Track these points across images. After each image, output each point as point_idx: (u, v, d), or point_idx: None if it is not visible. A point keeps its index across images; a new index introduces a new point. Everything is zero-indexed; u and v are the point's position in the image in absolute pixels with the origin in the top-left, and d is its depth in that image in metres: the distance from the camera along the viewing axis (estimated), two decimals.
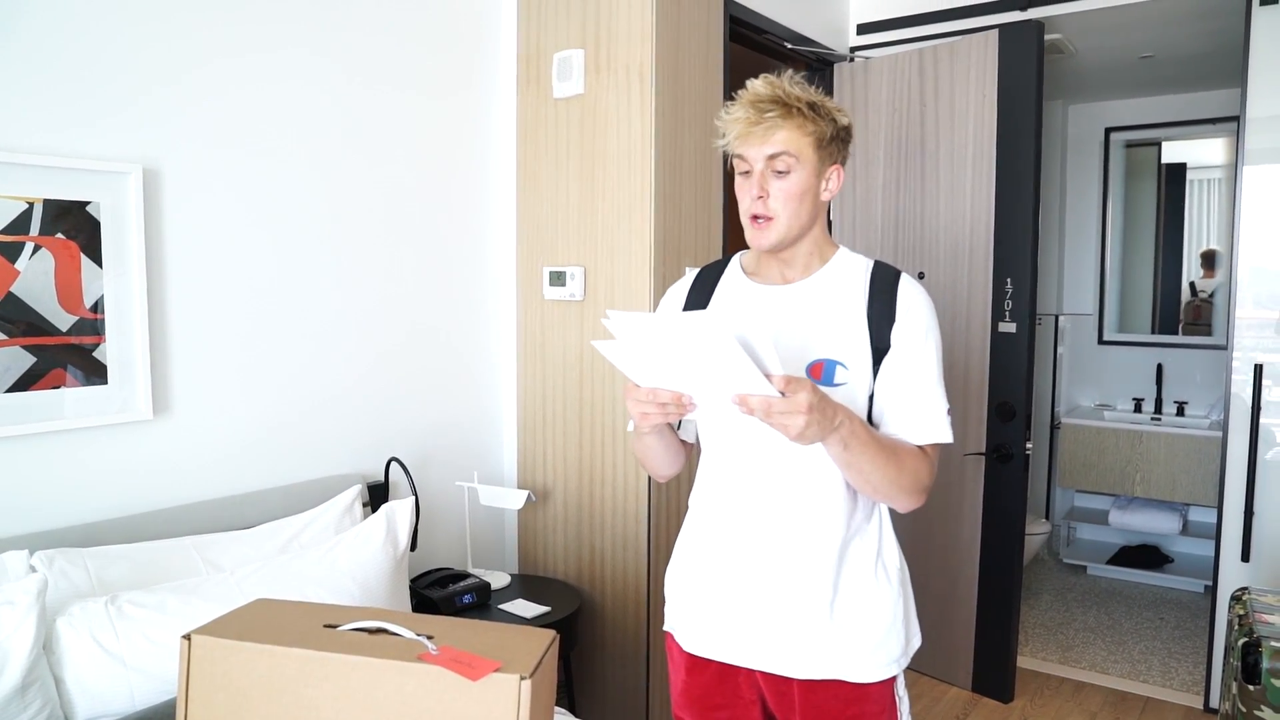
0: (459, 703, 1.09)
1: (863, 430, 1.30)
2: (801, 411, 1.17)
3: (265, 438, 2.22)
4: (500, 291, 2.86)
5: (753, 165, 1.38)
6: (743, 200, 1.41)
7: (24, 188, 1.76)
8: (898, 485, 1.35)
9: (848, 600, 1.42)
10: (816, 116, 1.37)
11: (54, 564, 1.68)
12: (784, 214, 1.38)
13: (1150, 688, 3.29)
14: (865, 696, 1.44)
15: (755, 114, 1.35)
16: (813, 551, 1.41)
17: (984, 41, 3.03)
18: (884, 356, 1.39)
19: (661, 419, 1.29)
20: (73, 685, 1.55)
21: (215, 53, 2.07)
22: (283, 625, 1.20)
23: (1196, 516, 4.60)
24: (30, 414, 1.79)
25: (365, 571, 1.95)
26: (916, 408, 1.39)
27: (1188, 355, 4.69)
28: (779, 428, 1.20)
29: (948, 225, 3.16)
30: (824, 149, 1.39)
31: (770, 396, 1.17)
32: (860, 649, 1.43)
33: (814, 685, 1.44)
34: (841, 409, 1.26)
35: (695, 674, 1.54)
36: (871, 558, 1.45)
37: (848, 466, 1.32)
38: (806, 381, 1.19)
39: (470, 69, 2.72)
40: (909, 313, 1.40)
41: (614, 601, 2.68)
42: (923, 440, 1.40)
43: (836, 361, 1.39)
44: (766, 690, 1.49)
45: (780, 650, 1.44)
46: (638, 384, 1.29)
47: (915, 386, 1.39)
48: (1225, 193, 4.61)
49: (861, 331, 1.40)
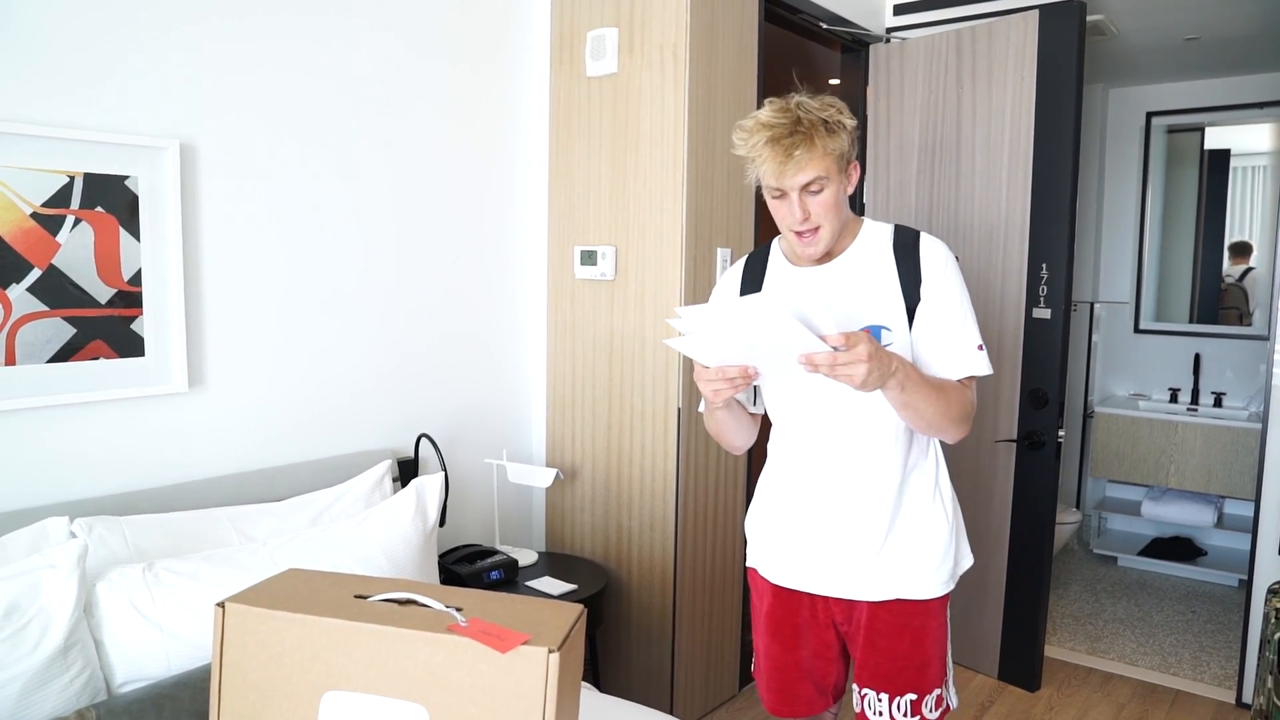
0: (487, 674, 1.09)
1: (915, 373, 1.46)
2: (863, 360, 1.32)
3: (297, 412, 2.25)
4: (531, 270, 2.86)
5: (787, 191, 1.51)
6: (783, 220, 1.56)
7: (65, 161, 1.79)
8: (948, 417, 1.51)
9: (907, 528, 1.61)
10: (833, 134, 1.49)
11: (93, 531, 1.71)
12: (826, 223, 1.54)
13: (1181, 680, 3.25)
14: (927, 610, 1.65)
15: (782, 152, 1.47)
16: (874, 489, 1.59)
17: (1024, 22, 2.97)
18: (915, 310, 1.56)
19: (731, 393, 1.44)
20: (112, 648, 1.59)
21: (251, 27, 2.09)
22: (314, 595, 1.22)
23: (1232, 509, 4.52)
24: (71, 384, 1.83)
25: (394, 545, 1.97)
26: (951, 346, 1.56)
27: (1227, 345, 4.59)
28: (843, 379, 1.34)
29: (983, 209, 3.11)
30: (844, 159, 1.53)
31: (833, 352, 1.31)
32: (919, 570, 1.62)
33: (879, 606, 1.63)
34: (895, 356, 1.41)
35: (780, 602, 1.73)
36: (930, 488, 1.64)
37: (904, 407, 1.47)
38: (863, 334, 1.34)
39: (503, 47, 2.71)
40: (932, 266, 1.57)
41: (640, 581, 2.69)
42: (960, 374, 1.56)
43: (881, 326, 1.55)
44: (837, 613, 1.69)
45: (848, 577, 1.63)
46: (706, 365, 1.44)
47: (947, 328, 1.56)
48: (1270, 181, 4.49)
49: (895, 294, 1.57)
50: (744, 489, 2.87)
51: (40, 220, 1.76)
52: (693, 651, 2.72)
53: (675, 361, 2.55)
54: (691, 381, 2.57)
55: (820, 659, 1.73)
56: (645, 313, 2.61)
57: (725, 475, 2.79)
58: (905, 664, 1.64)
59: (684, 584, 2.65)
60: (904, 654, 1.64)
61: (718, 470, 2.75)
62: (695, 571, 2.70)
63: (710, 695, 2.84)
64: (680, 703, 2.68)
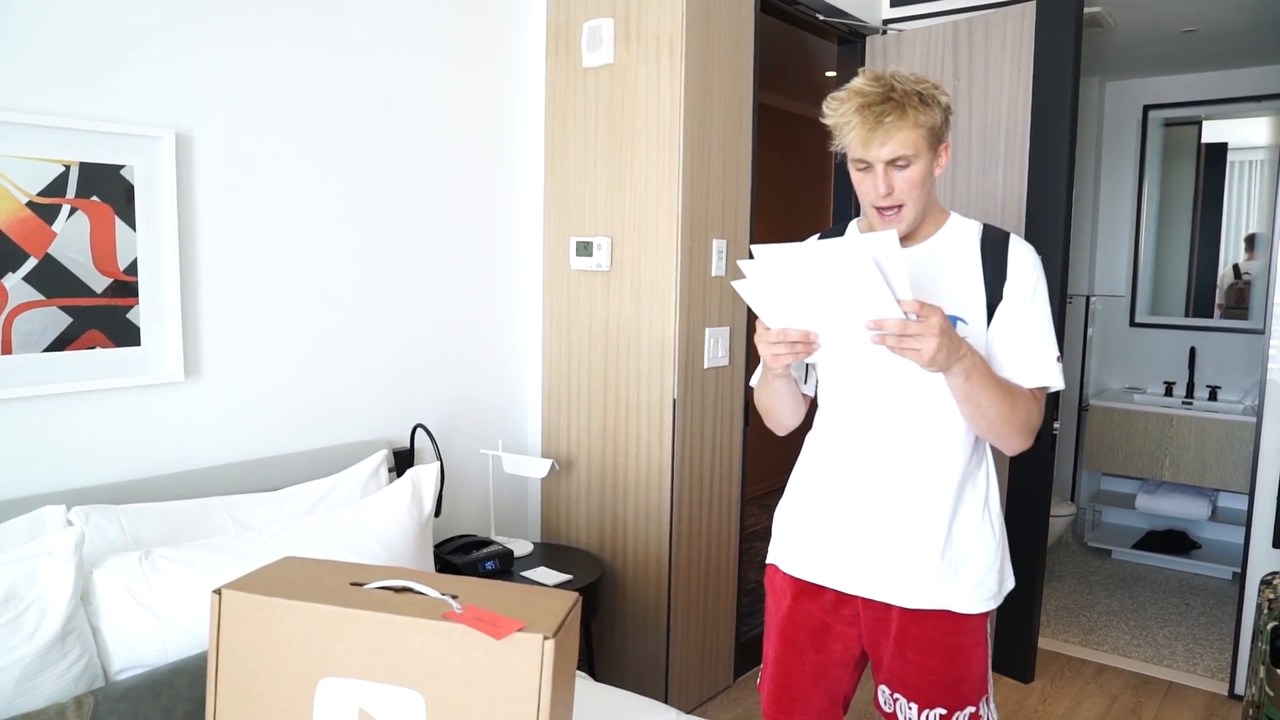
0: (483, 661, 1.10)
1: (983, 364, 1.40)
2: (934, 334, 1.27)
3: (293, 402, 2.25)
4: (526, 261, 2.86)
5: (873, 164, 1.45)
6: (866, 194, 1.49)
7: (61, 150, 1.79)
8: (1011, 422, 1.44)
9: (959, 539, 1.53)
10: (926, 107, 1.43)
11: (89, 519, 1.71)
12: (910, 201, 1.47)
13: (1174, 672, 3.27)
14: (964, 628, 1.55)
15: (872, 119, 1.40)
16: (931, 491, 1.52)
17: (1020, 14, 2.97)
18: (996, 310, 1.49)
19: (791, 358, 1.39)
20: (109, 635, 1.60)
21: (246, 16, 2.08)
22: (310, 582, 1.23)
23: (1226, 503, 4.54)
24: (67, 374, 1.83)
25: (390, 534, 1.98)
26: (1029, 352, 1.49)
27: (1222, 339, 4.61)
28: (910, 353, 1.29)
29: (979, 200, 3.12)
30: (935, 135, 1.46)
31: (904, 319, 1.26)
32: (966, 584, 1.54)
33: (917, 615, 1.55)
34: (965, 342, 1.36)
35: (801, 599, 1.64)
36: (981, 502, 1.57)
37: (966, 399, 1.41)
38: (937, 308, 1.29)
39: (500, 36, 2.71)
40: (1019, 268, 1.50)
41: (635, 572, 2.70)
42: (1033, 383, 1.49)
43: (957, 317, 1.47)
44: (864, 617, 1.59)
45: (890, 580, 1.54)
46: (768, 326, 1.39)
47: (1027, 333, 1.49)
48: (1268, 175, 4.50)
49: (978, 289, 1.50)
50: (739, 480, 2.88)
51: (36, 209, 1.76)
52: (687, 641, 2.73)
53: (670, 353, 2.56)
54: (687, 374, 2.59)
55: (838, 665, 1.64)
56: (641, 304, 2.61)
57: (720, 466, 2.79)
58: (936, 679, 1.56)
59: (679, 574, 2.66)
60: (935, 669, 1.55)
61: (713, 461, 2.76)
62: (690, 562, 2.71)
63: (705, 685, 2.85)
64: (675, 692, 2.69)
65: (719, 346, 2.71)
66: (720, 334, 2.71)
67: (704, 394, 2.68)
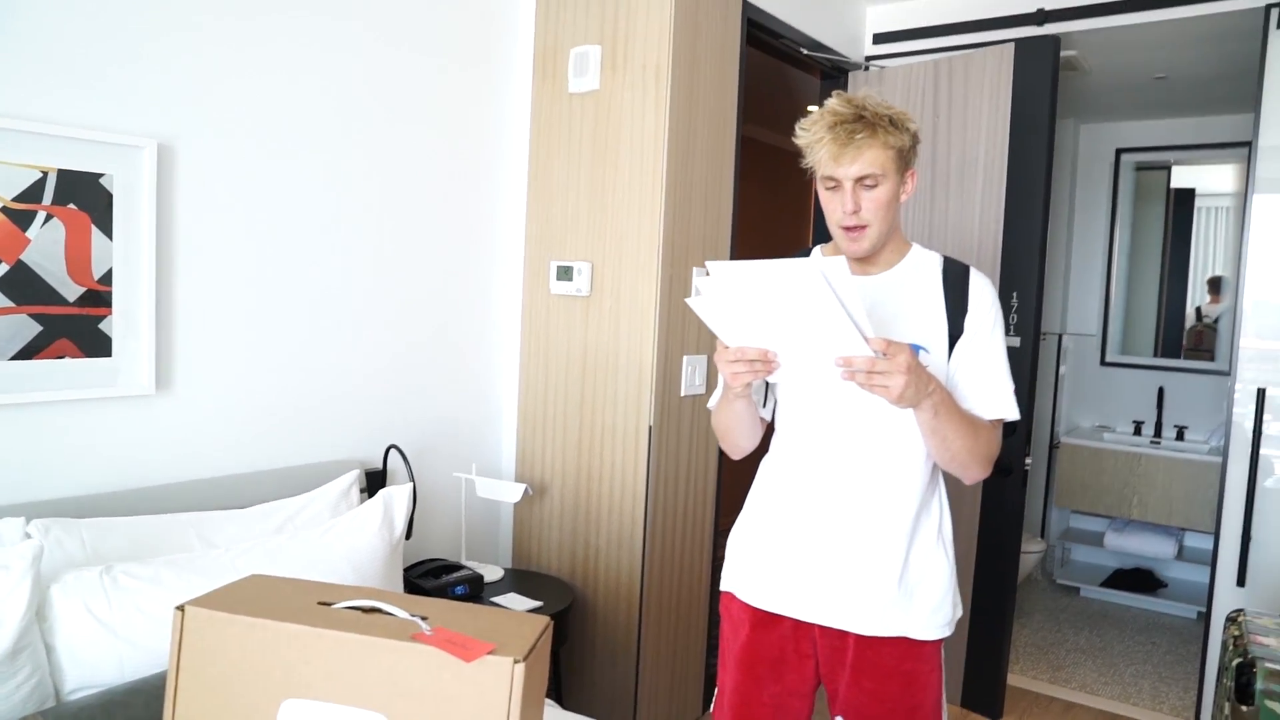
0: (452, 683, 1.08)
1: (950, 399, 1.44)
2: (902, 371, 1.29)
3: (265, 419, 2.22)
4: (506, 284, 2.86)
5: (842, 182, 1.48)
6: (833, 213, 1.52)
7: (38, 156, 1.76)
8: (973, 454, 1.47)
9: (915, 566, 1.55)
10: (896, 130, 1.47)
11: (50, 533, 1.67)
12: (875, 222, 1.50)
13: (1140, 710, 3.28)
14: (920, 654, 1.57)
15: (843, 136, 1.44)
16: (890, 517, 1.54)
17: (999, 55, 3.04)
18: (957, 341, 1.53)
19: (750, 377, 1.40)
20: (63, 653, 1.55)
21: (234, 31, 2.08)
22: (277, 601, 1.20)
23: (1192, 542, 4.59)
24: (33, 383, 1.79)
25: (360, 555, 1.95)
26: (988, 385, 1.53)
27: (1190, 380, 4.68)
28: (879, 390, 1.31)
29: (956, 237, 3.16)
30: (903, 158, 1.50)
31: (873, 356, 1.27)
32: (921, 610, 1.55)
33: (874, 642, 1.56)
34: (933, 378, 1.39)
35: (760, 629, 1.64)
36: (935, 529, 1.59)
37: (933, 433, 1.43)
38: (904, 345, 1.32)
39: (486, 61, 2.72)
40: (979, 301, 1.54)
41: (606, 599, 2.67)
42: (993, 414, 1.53)
43: (919, 346, 1.50)
44: (821, 645, 1.60)
45: (847, 607, 1.55)
46: (726, 344, 1.40)
47: (986, 367, 1.53)
48: (1233, 221, 4.60)
49: (940, 320, 1.53)
50: (713, 509, 2.87)
51: (10, 215, 1.73)
52: (657, 671, 2.71)
53: (648, 380, 2.56)
54: (664, 401, 2.59)
55: (795, 695, 1.63)
56: (619, 330, 2.61)
57: (694, 495, 2.78)
58: (893, 706, 1.56)
59: (650, 603, 2.64)
60: (892, 696, 1.56)
61: (687, 490, 2.75)
62: (662, 591, 2.69)
63: (674, 715, 2.82)
64: None
65: (696, 374, 2.71)
66: (698, 362, 2.72)
67: (680, 422, 2.68)
